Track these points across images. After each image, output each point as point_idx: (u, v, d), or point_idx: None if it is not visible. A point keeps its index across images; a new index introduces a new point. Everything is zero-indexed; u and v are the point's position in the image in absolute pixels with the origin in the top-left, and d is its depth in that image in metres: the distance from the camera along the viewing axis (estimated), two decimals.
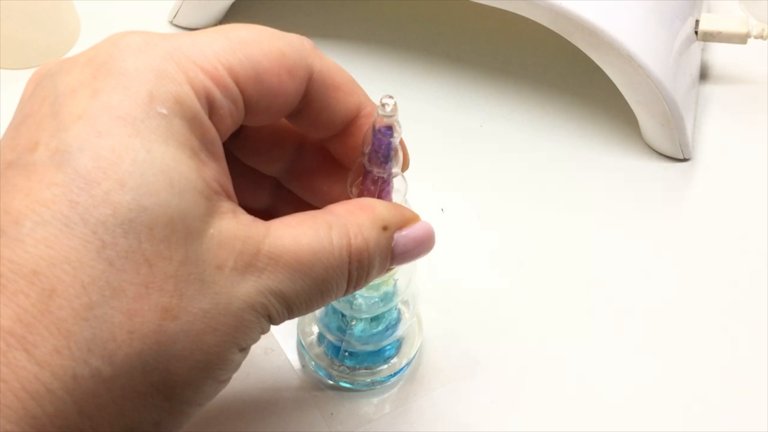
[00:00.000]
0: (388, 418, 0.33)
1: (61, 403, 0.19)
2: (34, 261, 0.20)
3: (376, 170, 0.26)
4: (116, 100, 0.21)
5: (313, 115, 0.26)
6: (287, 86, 0.24)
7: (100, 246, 0.20)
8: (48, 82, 0.23)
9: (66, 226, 0.20)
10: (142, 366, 0.20)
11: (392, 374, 0.34)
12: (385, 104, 0.25)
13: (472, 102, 0.44)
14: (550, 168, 0.42)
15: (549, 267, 0.38)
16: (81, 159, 0.21)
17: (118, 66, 0.22)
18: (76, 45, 0.45)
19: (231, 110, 0.23)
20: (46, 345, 0.19)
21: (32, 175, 0.21)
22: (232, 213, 0.23)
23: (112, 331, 0.20)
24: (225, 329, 0.22)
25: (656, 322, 0.37)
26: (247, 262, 0.22)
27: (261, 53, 0.24)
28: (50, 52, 0.44)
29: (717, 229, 0.40)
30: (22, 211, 0.20)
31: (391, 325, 0.33)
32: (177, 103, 0.22)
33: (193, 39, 0.23)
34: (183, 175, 0.21)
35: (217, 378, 0.23)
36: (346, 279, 0.25)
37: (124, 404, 0.21)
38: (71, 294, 0.20)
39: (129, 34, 0.23)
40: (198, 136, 0.22)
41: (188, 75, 0.22)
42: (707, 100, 0.45)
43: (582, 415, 0.34)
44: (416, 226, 0.26)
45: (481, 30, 0.47)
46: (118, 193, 0.20)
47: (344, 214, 0.25)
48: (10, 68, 0.43)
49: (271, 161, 0.28)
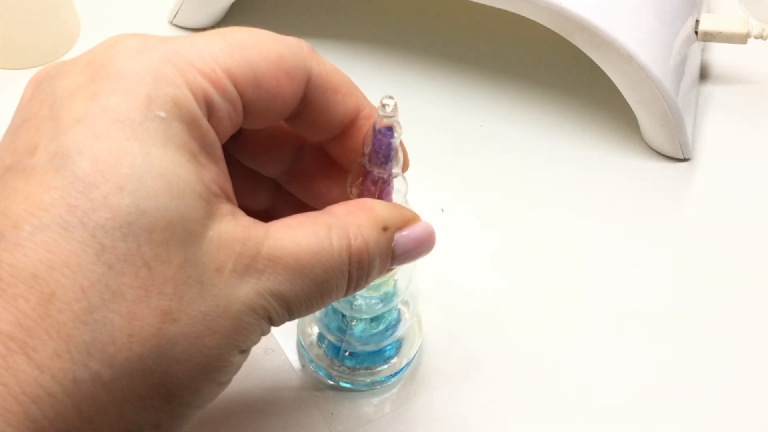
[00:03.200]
0: (388, 418, 0.33)
1: (62, 406, 0.19)
2: (33, 265, 0.20)
3: (376, 171, 0.26)
4: (114, 103, 0.21)
5: (312, 118, 0.26)
6: (285, 89, 0.24)
7: (100, 249, 0.20)
8: (47, 85, 0.23)
9: (65, 230, 0.20)
10: (142, 369, 0.21)
11: (392, 374, 0.34)
12: (386, 105, 0.25)
13: (472, 102, 0.44)
14: (550, 168, 0.42)
15: (549, 267, 0.38)
16: (80, 162, 0.21)
17: (117, 69, 0.22)
18: (76, 45, 0.45)
19: (229, 113, 0.23)
20: (46, 349, 0.19)
21: (31, 179, 0.21)
22: (232, 215, 0.23)
23: (111, 334, 0.20)
24: (225, 331, 0.22)
25: (656, 321, 0.37)
26: (247, 264, 0.22)
27: (259, 56, 0.24)
28: (50, 52, 0.44)
29: (716, 229, 0.40)
30: (21, 215, 0.20)
31: (391, 326, 0.33)
32: (175, 106, 0.22)
33: (192, 42, 0.23)
34: (182, 178, 0.21)
35: (217, 380, 0.23)
36: (346, 280, 0.25)
37: (124, 407, 0.21)
38: (71, 298, 0.20)
39: (127, 36, 0.23)
40: (197, 139, 0.22)
41: (186, 78, 0.22)
42: (707, 100, 0.45)
43: (582, 415, 0.34)
44: (416, 226, 0.26)
45: (481, 30, 0.47)
46: (116, 196, 0.20)
47: (344, 214, 0.25)
48: (10, 68, 0.43)
49: (270, 163, 0.28)
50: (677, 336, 0.36)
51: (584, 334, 0.36)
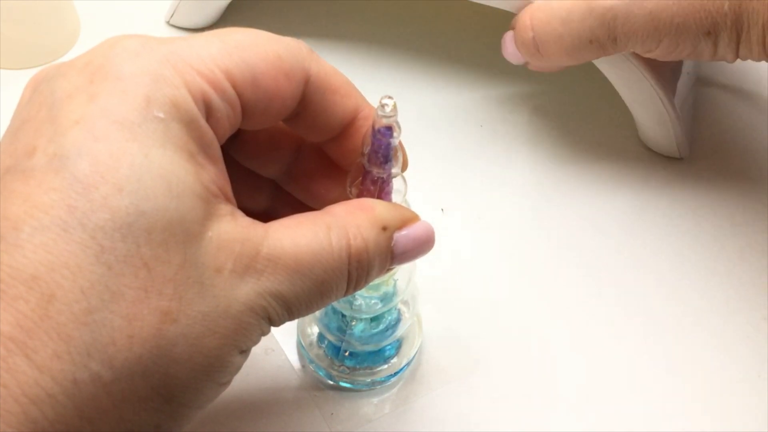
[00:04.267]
0: (388, 418, 0.33)
1: (62, 407, 0.19)
2: (33, 266, 0.20)
3: (375, 171, 0.26)
4: (113, 105, 0.21)
5: (311, 119, 0.26)
6: (284, 89, 0.24)
7: (99, 251, 0.20)
8: (45, 87, 0.23)
9: (65, 231, 0.20)
10: (142, 370, 0.21)
11: (392, 374, 0.34)
12: (385, 105, 0.25)
13: (472, 102, 0.44)
14: (549, 168, 0.42)
15: (549, 267, 0.38)
16: (79, 164, 0.21)
17: (115, 70, 0.22)
18: (76, 45, 0.45)
19: (228, 113, 0.23)
20: (46, 350, 0.19)
21: (30, 181, 0.21)
22: (231, 215, 0.23)
23: (111, 335, 0.20)
24: (225, 332, 0.22)
25: (655, 321, 0.37)
26: (246, 265, 0.22)
27: (258, 57, 0.24)
28: (50, 52, 0.44)
29: (714, 228, 0.40)
30: (20, 216, 0.20)
31: (391, 326, 0.33)
32: (174, 107, 0.22)
33: (190, 42, 0.23)
34: (181, 178, 0.21)
35: (218, 381, 0.23)
36: (345, 280, 0.25)
37: (124, 408, 0.21)
38: (71, 299, 0.20)
39: (125, 37, 0.23)
40: (195, 140, 0.22)
41: (185, 78, 0.22)
42: (705, 100, 0.45)
43: (582, 415, 0.34)
44: (416, 226, 0.26)
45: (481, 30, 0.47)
46: (116, 197, 0.20)
47: (343, 214, 0.25)
48: (10, 68, 0.43)
49: (269, 164, 0.28)
50: (678, 336, 0.36)
51: (584, 334, 0.36)
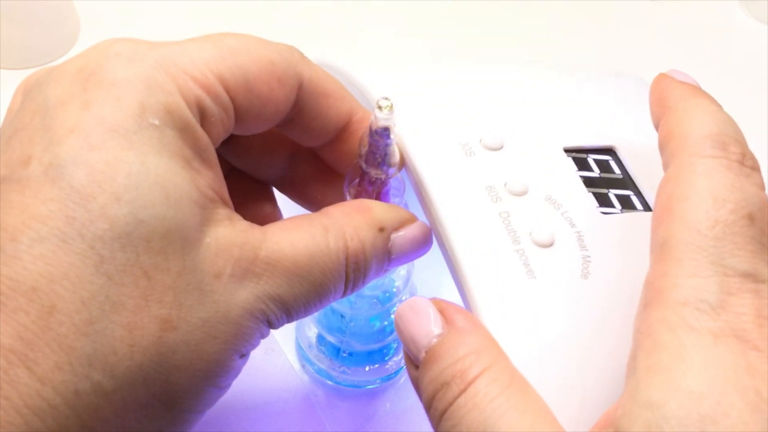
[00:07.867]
0: (388, 418, 0.33)
1: (64, 418, 0.19)
2: (33, 278, 0.20)
3: (373, 172, 0.26)
4: (108, 112, 0.21)
5: (305, 123, 0.26)
6: (277, 94, 0.24)
7: (99, 261, 0.20)
8: (37, 94, 0.22)
9: (63, 242, 0.20)
10: (143, 378, 0.21)
11: (392, 374, 0.34)
12: (382, 106, 0.25)
13: None
14: None
15: None
16: (75, 173, 0.20)
17: (109, 76, 0.22)
18: (76, 45, 0.45)
19: (222, 118, 0.23)
20: (47, 361, 0.19)
21: (27, 191, 0.20)
22: (228, 219, 0.23)
23: (112, 345, 0.20)
24: (225, 337, 0.22)
25: None
26: (245, 269, 0.22)
27: (250, 61, 0.23)
28: (50, 52, 0.44)
29: None
30: (18, 227, 0.20)
31: (390, 325, 0.33)
32: (168, 113, 0.22)
33: (183, 47, 0.23)
34: (178, 185, 0.21)
35: (218, 385, 0.23)
36: (343, 281, 0.25)
37: (126, 416, 0.21)
38: (71, 310, 0.20)
39: (117, 42, 0.23)
40: (190, 145, 0.22)
41: (179, 84, 0.22)
42: None
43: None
44: (413, 226, 0.26)
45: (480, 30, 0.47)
46: (114, 207, 0.20)
47: (340, 216, 0.25)
48: (10, 68, 0.43)
49: (264, 169, 0.28)
50: None
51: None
